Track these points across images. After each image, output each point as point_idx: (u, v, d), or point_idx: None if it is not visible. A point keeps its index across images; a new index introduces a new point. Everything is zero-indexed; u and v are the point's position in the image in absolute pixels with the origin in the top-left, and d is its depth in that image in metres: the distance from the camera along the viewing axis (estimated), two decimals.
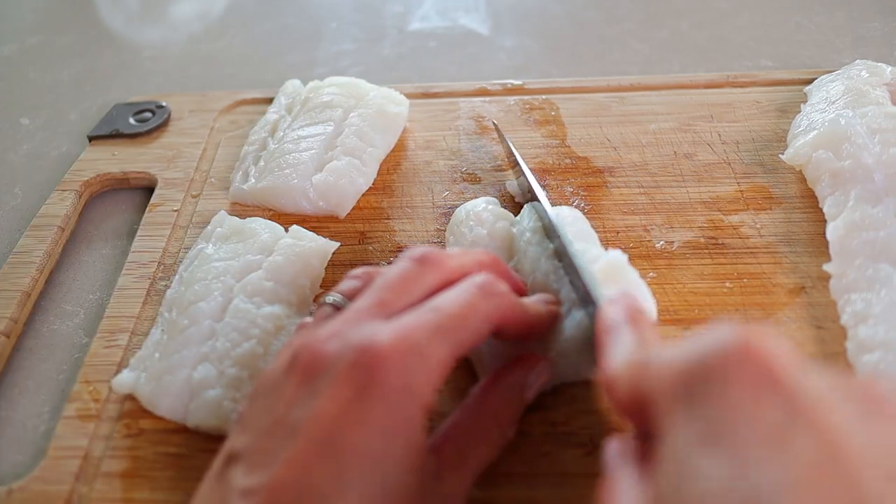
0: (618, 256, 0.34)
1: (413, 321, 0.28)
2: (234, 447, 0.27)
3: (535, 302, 0.34)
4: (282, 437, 0.26)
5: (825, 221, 0.41)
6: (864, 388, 0.22)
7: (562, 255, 0.36)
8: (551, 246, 0.37)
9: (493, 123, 0.52)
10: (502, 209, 0.42)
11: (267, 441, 0.26)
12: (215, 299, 0.37)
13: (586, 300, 0.33)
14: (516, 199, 0.46)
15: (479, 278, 0.31)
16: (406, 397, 0.26)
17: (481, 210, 0.41)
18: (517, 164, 0.45)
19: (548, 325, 0.34)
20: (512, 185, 0.47)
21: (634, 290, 0.34)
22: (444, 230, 0.45)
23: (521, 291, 0.36)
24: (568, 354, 0.34)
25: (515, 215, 0.42)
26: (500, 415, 0.31)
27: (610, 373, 0.26)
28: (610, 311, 0.29)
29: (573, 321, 0.34)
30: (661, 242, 0.43)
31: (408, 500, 0.26)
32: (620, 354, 0.26)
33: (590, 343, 0.33)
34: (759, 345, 0.21)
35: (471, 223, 0.41)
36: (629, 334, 0.27)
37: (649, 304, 0.34)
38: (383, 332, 0.27)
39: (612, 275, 0.34)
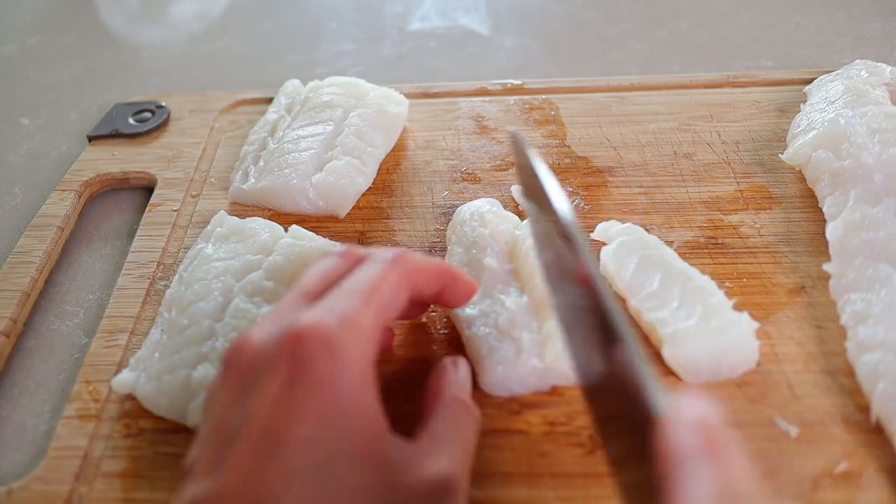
0: None
1: (330, 298, 0.29)
2: (186, 460, 0.27)
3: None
4: (224, 442, 0.25)
5: (825, 221, 0.41)
6: None
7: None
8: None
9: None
10: (507, 212, 0.42)
11: (211, 448, 0.26)
12: (215, 299, 0.37)
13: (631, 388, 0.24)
14: (520, 206, 0.46)
15: (386, 253, 0.31)
16: (339, 372, 0.26)
17: (486, 211, 0.41)
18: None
19: (461, 280, 0.34)
20: (517, 189, 0.47)
21: None
22: (444, 230, 0.45)
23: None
24: (562, 360, 0.34)
25: (519, 218, 0.42)
26: (457, 396, 0.31)
27: None
28: (679, 433, 0.21)
29: None
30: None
31: (372, 489, 0.25)
32: None
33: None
34: None
35: (474, 223, 0.41)
36: (708, 475, 0.20)
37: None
38: (304, 315, 0.27)
39: None
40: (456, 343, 0.37)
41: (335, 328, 0.27)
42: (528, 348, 0.34)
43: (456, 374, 0.33)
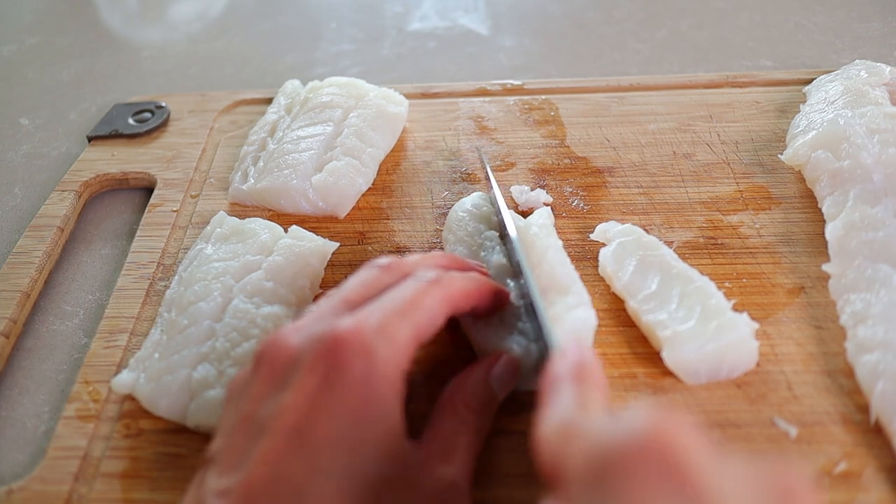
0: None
1: (370, 308, 0.29)
2: (210, 451, 0.27)
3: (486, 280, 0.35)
4: (252, 435, 0.26)
5: (824, 221, 0.41)
6: (777, 482, 0.21)
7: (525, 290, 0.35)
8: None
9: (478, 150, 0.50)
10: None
11: (238, 440, 0.26)
12: (215, 299, 0.37)
13: (539, 337, 0.32)
14: (519, 206, 0.46)
15: (429, 273, 0.32)
16: (373, 379, 0.27)
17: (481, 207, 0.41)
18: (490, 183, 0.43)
19: (498, 292, 0.35)
20: (516, 188, 0.47)
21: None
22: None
23: (481, 273, 0.37)
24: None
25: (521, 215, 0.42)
26: (470, 404, 0.31)
27: (538, 432, 0.24)
28: (556, 364, 0.27)
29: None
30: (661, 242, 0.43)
31: (388, 489, 0.26)
32: (554, 415, 0.25)
33: None
34: (668, 439, 0.20)
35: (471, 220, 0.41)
36: (569, 394, 0.25)
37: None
38: (344, 321, 0.28)
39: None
40: (461, 343, 0.37)
41: (373, 336, 0.28)
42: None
43: (488, 372, 0.33)
